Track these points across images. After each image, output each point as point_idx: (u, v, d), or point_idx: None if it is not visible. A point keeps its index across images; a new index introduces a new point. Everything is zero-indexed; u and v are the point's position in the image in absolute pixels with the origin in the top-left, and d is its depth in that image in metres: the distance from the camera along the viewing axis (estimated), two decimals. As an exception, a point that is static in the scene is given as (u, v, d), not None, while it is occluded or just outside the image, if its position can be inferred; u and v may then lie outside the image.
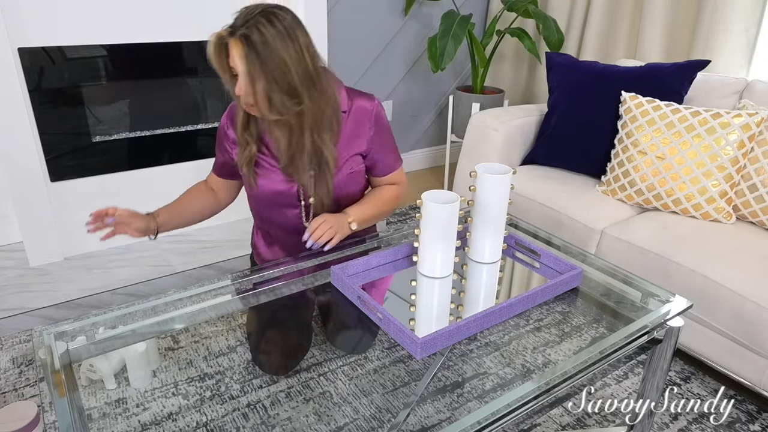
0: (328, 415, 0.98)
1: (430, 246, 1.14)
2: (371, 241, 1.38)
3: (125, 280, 1.95)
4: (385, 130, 1.33)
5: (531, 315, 1.19)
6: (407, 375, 1.07)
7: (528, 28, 3.01)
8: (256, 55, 1.05)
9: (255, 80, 1.07)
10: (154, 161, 2.17)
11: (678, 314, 1.12)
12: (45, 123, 1.90)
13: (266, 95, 1.09)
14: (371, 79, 2.94)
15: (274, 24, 1.05)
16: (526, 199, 2.01)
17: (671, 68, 1.93)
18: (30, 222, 1.94)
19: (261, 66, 1.05)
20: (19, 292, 1.85)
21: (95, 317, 1.08)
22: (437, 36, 2.49)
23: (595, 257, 1.34)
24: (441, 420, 0.97)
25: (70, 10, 1.84)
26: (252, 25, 1.05)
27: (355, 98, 1.28)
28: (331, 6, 2.63)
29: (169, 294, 1.16)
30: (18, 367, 1.61)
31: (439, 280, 1.17)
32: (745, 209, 1.70)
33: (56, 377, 0.92)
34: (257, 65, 1.05)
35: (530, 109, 2.29)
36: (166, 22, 2.01)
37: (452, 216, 1.10)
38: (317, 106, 1.15)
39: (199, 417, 0.96)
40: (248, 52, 1.05)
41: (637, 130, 1.82)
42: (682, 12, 2.35)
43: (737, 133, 1.67)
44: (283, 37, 1.06)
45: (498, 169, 1.20)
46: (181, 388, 1.01)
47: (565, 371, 0.94)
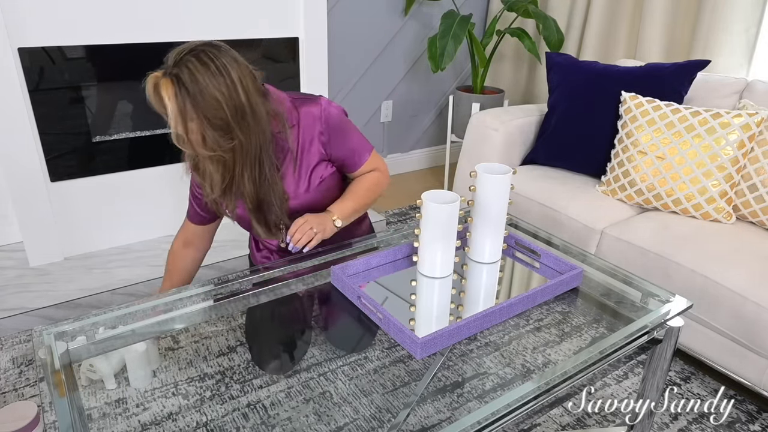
0: (328, 415, 0.98)
1: (430, 246, 1.14)
2: (371, 240, 1.38)
3: (125, 280, 1.95)
4: (339, 129, 1.29)
5: (531, 315, 1.19)
6: (407, 375, 1.07)
7: (528, 28, 3.01)
8: (187, 93, 1.04)
9: (186, 119, 1.07)
10: (154, 161, 2.17)
11: (678, 314, 1.12)
12: (45, 123, 1.90)
13: (199, 133, 1.08)
14: (371, 79, 2.94)
15: (203, 62, 1.05)
16: (526, 199, 2.01)
17: (671, 68, 1.93)
18: (30, 222, 1.94)
19: (192, 104, 1.05)
20: (19, 292, 1.85)
21: (95, 317, 1.08)
22: (437, 36, 2.50)
23: (595, 257, 1.34)
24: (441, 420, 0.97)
25: (70, 10, 1.83)
26: (182, 64, 1.05)
27: (300, 107, 1.25)
28: (331, 6, 2.63)
29: (169, 294, 1.16)
30: (18, 367, 1.61)
31: (439, 280, 1.17)
32: (745, 209, 1.70)
33: (56, 377, 0.92)
34: (188, 103, 1.05)
35: (530, 109, 2.29)
36: (166, 22, 2.01)
37: (452, 216, 1.10)
38: (252, 141, 1.13)
39: (199, 417, 0.96)
40: (178, 91, 1.04)
41: (637, 130, 1.82)
42: (682, 12, 2.35)
43: (737, 133, 1.67)
44: (213, 74, 1.06)
45: (498, 169, 1.21)
46: (181, 388, 1.01)
47: (565, 371, 0.94)
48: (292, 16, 2.26)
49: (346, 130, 1.31)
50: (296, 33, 2.30)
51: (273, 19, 2.23)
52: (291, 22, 2.27)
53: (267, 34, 2.24)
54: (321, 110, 1.26)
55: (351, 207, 1.32)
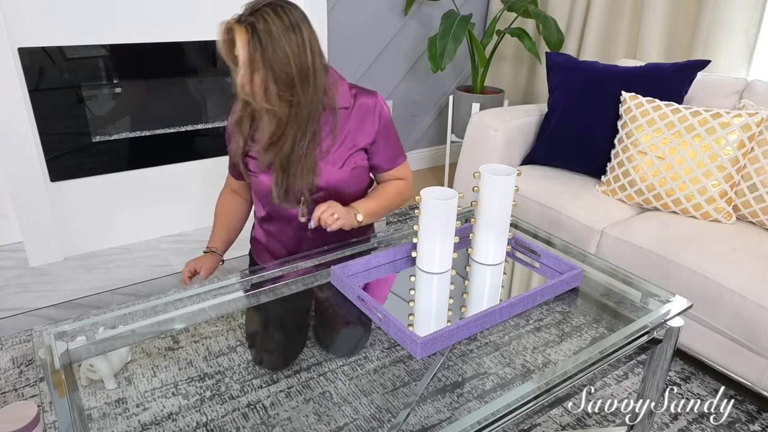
0: (328, 415, 0.98)
1: (428, 242, 1.14)
2: (372, 240, 1.38)
3: (125, 280, 1.94)
4: (388, 125, 1.34)
5: (531, 315, 1.19)
6: (407, 375, 1.07)
7: (528, 28, 3.01)
8: (259, 42, 1.08)
9: (255, 68, 1.10)
10: (154, 161, 2.17)
11: (678, 314, 1.12)
12: (45, 123, 1.90)
13: (263, 83, 1.12)
14: (371, 79, 2.94)
15: (279, 15, 1.09)
16: (526, 199, 2.01)
17: (671, 68, 1.93)
18: (30, 222, 1.94)
19: (262, 54, 1.08)
20: (19, 292, 1.85)
21: (95, 317, 1.08)
22: (437, 36, 2.49)
23: (595, 257, 1.34)
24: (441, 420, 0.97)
25: (70, 10, 1.83)
26: (258, 14, 1.08)
27: (359, 95, 1.29)
28: (331, 6, 2.63)
29: (169, 294, 1.16)
30: (18, 367, 1.61)
31: (437, 276, 1.17)
32: (745, 209, 1.70)
33: (56, 377, 0.92)
34: (258, 53, 1.08)
35: (530, 109, 2.28)
36: (166, 22, 2.01)
37: (450, 212, 1.10)
38: (308, 103, 1.18)
39: (199, 417, 0.96)
40: (251, 40, 1.08)
41: (637, 130, 1.82)
42: (682, 12, 2.35)
43: (737, 133, 1.67)
44: (287, 29, 1.10)
45: (502, 171, 1.20)
46: (181, 388, 1.01)
47: (565, 371, 0.94)
48: (292, 16, 2.26)
49: (392, 130, 1.37)
50: (296, 33, 2.30)
51: (273, 19, 2.22)
52: (291, 22, 2.27)
53: (267, 34, 2.24)
54: (376, 103, 1.30)
55: (374, 207, 1.34)
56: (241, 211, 1.49)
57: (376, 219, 1.37)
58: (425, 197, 1.10)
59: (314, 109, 1.19)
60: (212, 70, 2.19)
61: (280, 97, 1.14)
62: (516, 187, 1.21)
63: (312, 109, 1.19)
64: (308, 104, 1.18)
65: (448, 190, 1.14)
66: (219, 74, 2.21)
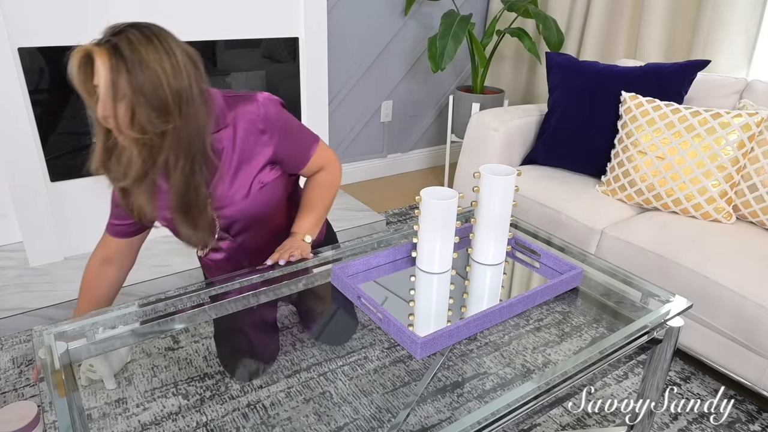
0: (328, 415, 0.97)
1: (428, 242, 1.14)
2: (371, 241, 1.38)
3: (125, 280, 1.94)
4: (282, 126, 1.19)
5: (531, 315, 1.19)
6: (407, 375, 1.07)
7: (528, 28, 3.01)
8: (124, 65, 0.94)
9: (119, 94, 0.95)
10: (154, 161, 2.16)
11: (678, 314, 1.12)
12: (45, 123, 1.90)
13: (129, 110, 0.97)
14: (371, 79, 2.94)
15: (147, 36, 0.96)
16: (526, 199, 2.01)
17: (671, 68, 1.93)
18: (30, 222, 1.94)
19: (128, 77, 0.94)
20: (19, 292, 1.85)
21: (95, 317, 1.08)
22: (437, 36, 2.49)
23: (595, 257, 1.34)
24: (441, 420, 0.97)
25: (70, 10, 1.83)
26: (122, 35, 0.95)
27: (236, 106, 1.14)
28: (331, 6, 2.63)
29: (169, 294, 1.16)
30: (18, 367, 1.61)
31: (437, 276, 1.17)
32: (745, 209, 1.70)
33: (56, 377, 0.91)
34: (124, 76, 0.94)
35: (530, 109, 2.28)
36: (166, 22, 2.01)
37: (450, 212, 1.10)
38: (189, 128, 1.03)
39: (199, 417, 0.96)
40: (115, 63, 0.94)
41: (637, 130, 1.82)
42: (682, 12, 2.35)
43: (737, 133, 1.67)
44: (157, 49, 0.97)
45: (502, 171, 1.20)
46: (181, 388, 1.01)
47: (565, 371, 0.94)
48: (292, 16, 2.26)
49: (289, 125, 1.21)
50: (296, 33, 2.30)
51: (273, 19, 2.23)
52: (291, 22, 2.27)
53: (267, 34, 2.24)
54: (259, 108, 1.15)
55: (312, 220, 1.27)
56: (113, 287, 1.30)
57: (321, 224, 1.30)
58: (425, 197, 1.10)
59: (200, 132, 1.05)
60: (213, 70, 2.19)
61: (153, 124, 0.99)
62: (516, 187, 1.21)
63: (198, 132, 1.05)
64: (190, 128, 1.03)
65: (448, 190, 1.14)
66: (219, 74, 2.21)
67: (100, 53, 0.93)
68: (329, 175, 1.31)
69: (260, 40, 2.23)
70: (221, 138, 1.13)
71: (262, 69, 2.34)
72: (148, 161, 1.03)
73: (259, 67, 2.32)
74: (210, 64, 2.16)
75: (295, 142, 1.23)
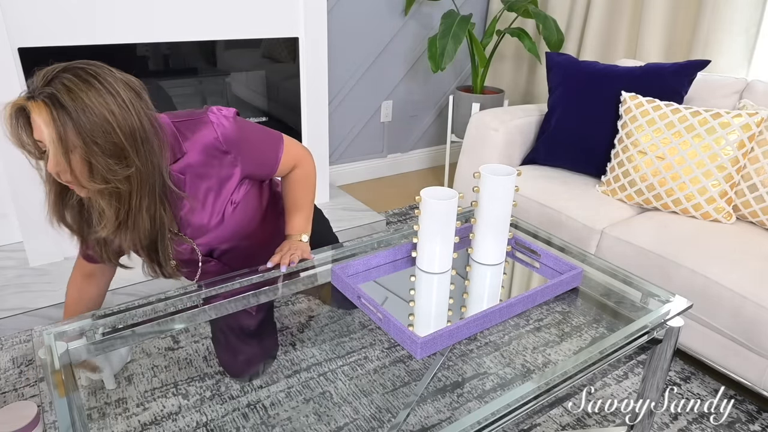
0: (328, 415, 0.98)
1: (428, 242, 1.14)
2: (371, 241, 1.38)
3: (125, 280, 1.94)
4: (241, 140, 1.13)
5: (531, 315, 1.19)
6: (407, 375, 1.07)
7: (528, 28, 3.01)
8: (67, 115, 0.86)
9: (69, 147, 0.87)
10: (154, 161, 2.16)
11: (678, 314, 1.12)
12: (45, 123, 1.90)
13: (85, 162, 0.90)
14: (371, 79, 2.94)
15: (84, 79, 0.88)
16: (526, 199, 2.01)
17: (671, 68, 1.93)
18: (30, 222, 1.94)
19: (75, 127, 0.86)
20: (19, 292, 1.85)
21: (95, 317, 1.08)
22: (437, 36, 2.49)
23: (595, 257, 1.34)
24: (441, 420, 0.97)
25: (70, 11, 1.83)
26: (56, 82, 0.86)
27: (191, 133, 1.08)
28: (331, 6, 2.63)
29: (169, 294, 1.16)
30: (18, 367, 1.61)
31: (437, 276, 1.17)
32: (745, 209, 1.70)
33: (56, 377, 0.91)
34: (70, 127, 0.86)
35: (530, 109, 2.28)
36: (166, 22, 2.01)
37: (450, 212, 1.10)
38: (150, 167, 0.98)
39: (199, 417, 0.96)
40: (57, 114, 0.85)
41: (637, 130, 1.82)
42: (682, 12, 2.35)
43: (737, 133, 1.67)
44: (99, 91, 0.88)
45: (502, 171, 1.20)
46: (181, 388, 1.01)
47: (565, 371, 0.94)
48: (292, 16, 2.26)
49: (249, 136, 1.16)
50: (296, 33, 2.30)
51: (273, 19, 2.23)
52: (291, 22, 2.27)
53: (267, 34, 2.24)
54: (215, 130, 1.09)
55: (303, 218, 1.27)
56: (99, 294, 1.29)
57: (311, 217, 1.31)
58: (425, 197, 1.10)
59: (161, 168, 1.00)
60: (212, 70, 2.19)
61: (113, 171, 0.92)
62: (516, 187, 1.21)
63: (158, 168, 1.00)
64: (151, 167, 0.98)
65: (448, 190, 1.14)
66: (219, 74, 2.21)
67: (37, 108, 0.85)
68: (303, 170, 1.28)
69: (260, 40, 2.23)
70: (181, 168, 1.08)
71: (262, 69, 2.34)
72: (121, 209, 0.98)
73: (259, 67, 2.32)
74: (210, 65, 2.16)
75: (261, 150, 1.18)
